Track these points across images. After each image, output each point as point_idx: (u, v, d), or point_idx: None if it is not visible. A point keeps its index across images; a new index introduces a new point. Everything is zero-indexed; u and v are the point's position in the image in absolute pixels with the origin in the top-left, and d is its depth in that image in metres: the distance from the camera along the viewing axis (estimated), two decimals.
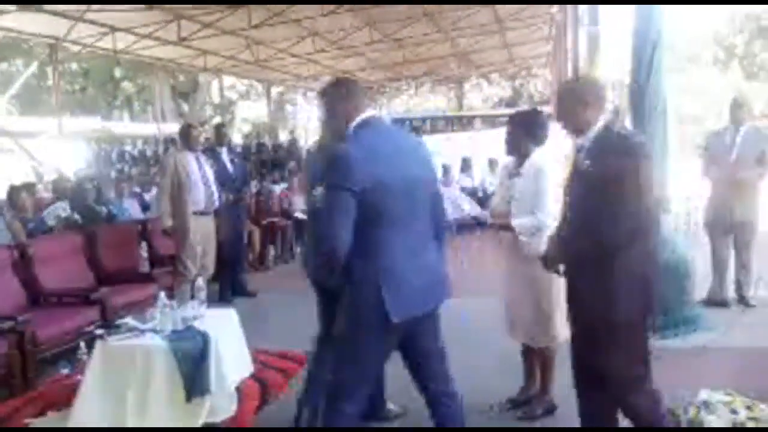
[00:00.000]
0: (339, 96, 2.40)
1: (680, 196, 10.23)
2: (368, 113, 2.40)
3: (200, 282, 4.01)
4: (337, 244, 2.19)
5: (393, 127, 2.82)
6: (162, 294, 3.64)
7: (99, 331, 3.51)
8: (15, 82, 18.77)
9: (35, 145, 14.69)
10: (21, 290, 4.61)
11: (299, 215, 8.50)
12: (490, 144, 12.54)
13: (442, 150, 11.63)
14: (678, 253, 4.76)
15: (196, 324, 3.59)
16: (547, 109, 17.35)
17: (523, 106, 24.34)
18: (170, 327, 3.49)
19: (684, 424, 3.00)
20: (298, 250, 8.47)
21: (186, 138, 5.51)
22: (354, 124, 2.35)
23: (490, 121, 20.11)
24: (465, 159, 11.47)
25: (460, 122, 20.47)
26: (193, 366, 3.33)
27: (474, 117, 21.03)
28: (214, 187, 5.51)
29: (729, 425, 2.73)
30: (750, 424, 2.68)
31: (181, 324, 3.55)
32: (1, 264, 4.60)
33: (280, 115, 25.52)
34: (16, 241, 5.11)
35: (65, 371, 4.05)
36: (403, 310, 2.26)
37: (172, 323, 3.52)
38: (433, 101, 26.60)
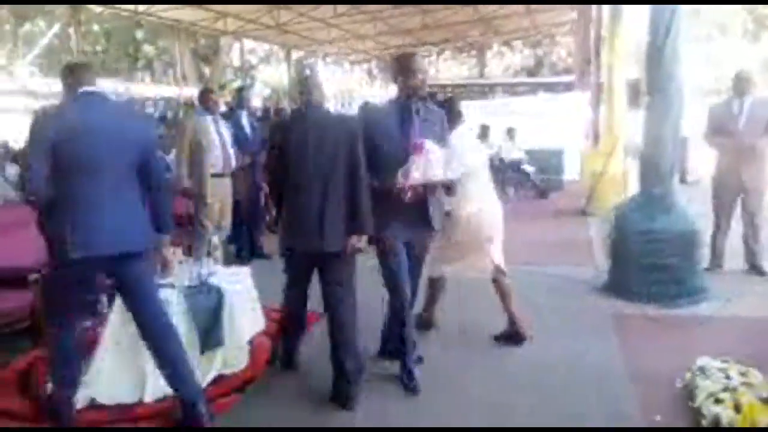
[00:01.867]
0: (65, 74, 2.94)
1: (698, 168, 10.21)
2: (89, 89, 2.89)
3: (215, 241, 4.13)
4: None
5: (108, 102, 3.04)
6: (179, 251, 3.76)
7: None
8: (38, 42, 18.89)
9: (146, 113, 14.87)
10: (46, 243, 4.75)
11: None
12: (510, 113, 12.53)
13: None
14: (690, 223, 4.78)
15: (211, 280, 3.72)
16: (570, 78, 17.17)
17: (546, 75, 23.99)
18: (186, 282, 3.62)
19: (679, 387, 3.08)
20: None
21: (204, 101, 5.59)
22: (73, 95, 2.87)
23: (510, 89, 19.90)
24: (483, 127, 11.40)
25: (482, 90, 20.28)
26: (207, 319, 3.48)
27: (495, 85, 20.80)
28: (231, 150, 5.60)
29: (721, 389, 2.79)
30: (742, 390, 2.74)
31: (196, 280, 3.69)
32: (27, 219, 4.75)
33: (300, 80, 25.48)
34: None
35: (88, 323, 4.22)
36: (82, 249, 2.71)
37: (188, 279, 3.66)
38: (455, 69, 26.33)
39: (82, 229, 2.73)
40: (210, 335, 3.46)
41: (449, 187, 3.36)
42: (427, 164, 3.13)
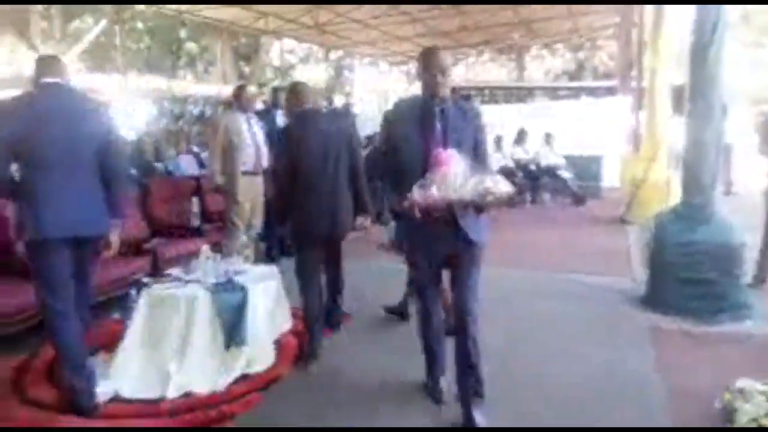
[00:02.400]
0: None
1: (743, 177, 9.86)
2: (49, 79, 3.03)
3: (244, 238, 4.12)
4: None
5: (66, 92, 3.11)
6: (206, 247, 3.76)
7: (146, 280, 3.67)
8: (84, 39, 19.34)
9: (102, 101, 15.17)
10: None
11: None
12: (549, 117, 12.31)
13: (498, 121, 11.45)
14: (731, 235, 4.58)
15: (238, 278, 3.71)
16: (612, 83, 16.81)
17: (587, 79, 23.55)
18: (213, 279, 3.62)
19: (717, 408, 2.93)
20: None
21: (238, 99, 5.60)
22: (35, 87, 3.05)
23: (550, 93, 19.59)
24: (521, 131, 11.25)
25: (520, 94, 20.01)
26: (231, 317, 3.46)
27: (534, 89, 20.50)
28: (264, 149, 5.59)
29: (764, 414, 2.64)
30: None
31: (223, 276, 3.68)
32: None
33: (338, 80, 25.51)
34: None
35: (116, 316, 4.26)
36: (47, 230, 2.93)
37: (214, 275, 3.65)
38: (494, 71, 26.09)
39: (44, 214, 2.94)
40: (234, 333, 3.44)
41: (480, 207, 2.66)
42: (449, 179, 2.54)
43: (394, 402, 3.21)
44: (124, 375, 3.30)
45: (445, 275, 3.10)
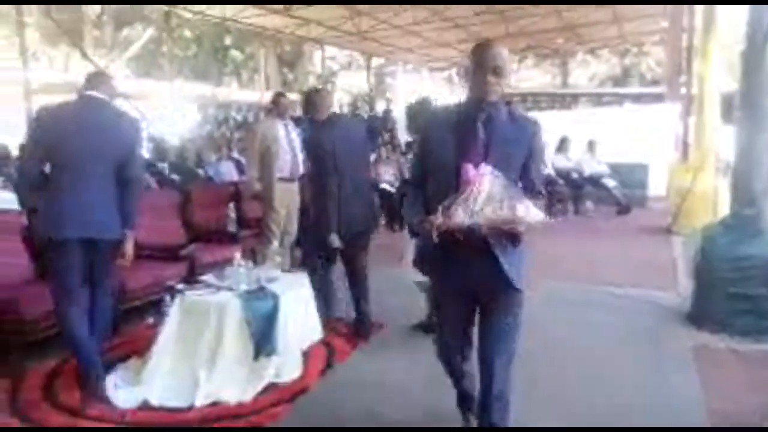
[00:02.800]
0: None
1: None
2: (90, 93, 3.25)
3: (276, 246, 4.11)
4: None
5: (101, 106, 3.30)
6: (238, 254, 3.76)
7: (179, 286, 3.69)
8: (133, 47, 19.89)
9: (149, 107, 15.55)
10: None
11: (385, 186, 8.52)
12: (593, 124, 12.03)
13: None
14: None
15: (270, 286, 3.69)
16: (660, 89, 16.36)
17: (634, 85, 23.03)
18: (244, 286, 3.61)
19: None
20: (382, 221, 8.50)
21: (276, 106, 5.62)
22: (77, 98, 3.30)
23: (595, 100, 19.21)
24: (563, 139, 11.01)
25: (564, 100, 19.68)
26: (262, 326, 3.44)
27: (578, 95, 20.16)
28: (300, 155, 5.60)
29: None
30: None
31: (255, 284, 3.67)
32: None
33: (380, 86, 25.60)
34: None
35: (151, 321, 4.31)
36: (61, 228, 3.11)
37: (246, 283, 3.64)
38: (538, 77, 25.76)
39: (61, 213, 3.14)
40: (264, 342, 3.42)
41: (515, 236, 2.21)
42: (470, 200, 2.12)
43: (422, 417, 3.13)
44: (154, 382, 3.31)
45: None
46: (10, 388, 3.39)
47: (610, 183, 10.38)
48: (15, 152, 7.71)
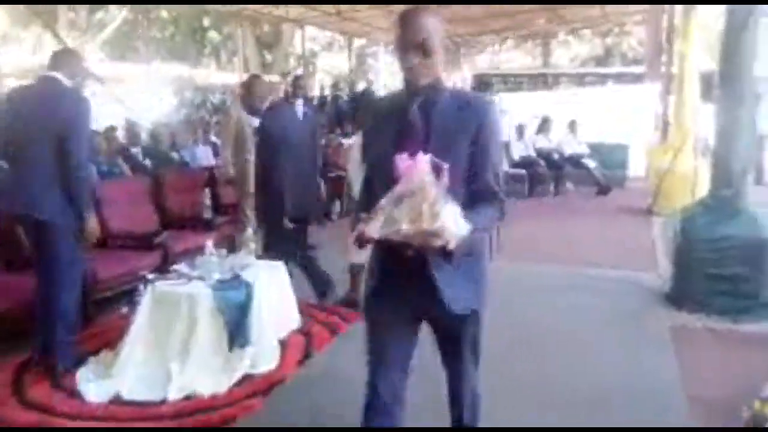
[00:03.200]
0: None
1: None
2: (47, 72, 3.32)
3: (250, 232, 4.02)
4: None
5: (50, 84, 3.31)
6: (210, 243, 3.67)
7: (150, 276, 3.59)
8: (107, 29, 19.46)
9: (125, 91, 15.23)
10: None
11: None
12: (574, 105, 11.99)
13: (521, 109, 11.19)
14: (763, 230, 4.35)
15: (244, 274, 3.61)
16: (641, 69, 16.34)
17: (615, 65, 23.01)
18: (217, 275, 3.52)
19: (745, 418, 2.75)
20: None
21: (249, 94, 5.45)
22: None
23: (577, 80, 19.17)
24: (545, 119, 10.97)
25: (545, 81, 19.61)
26: (235, 315, 3.37)
27: (560, 75, 20.09)
28: None
29: None
30: None
31: (228, 273, 3.58)
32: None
33: (361, 67, 25.35)
34: None
35: (124, 311, 4.20)
36: (6, 205, 3.51)
37: (219, 271, 3.56)
38: (519, 58, 25.65)
39: (8, 192, 3.37)
40: (237, 333, 3.35)
41: (448, 253, 1.67)
42: (405, 205, 1.63)
43: None
44: (126, 375, 3.22)
45: None
46: None
47: (591, 164, 10.38)
48: None
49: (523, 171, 9.95)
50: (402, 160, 1.68)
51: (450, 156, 1.75)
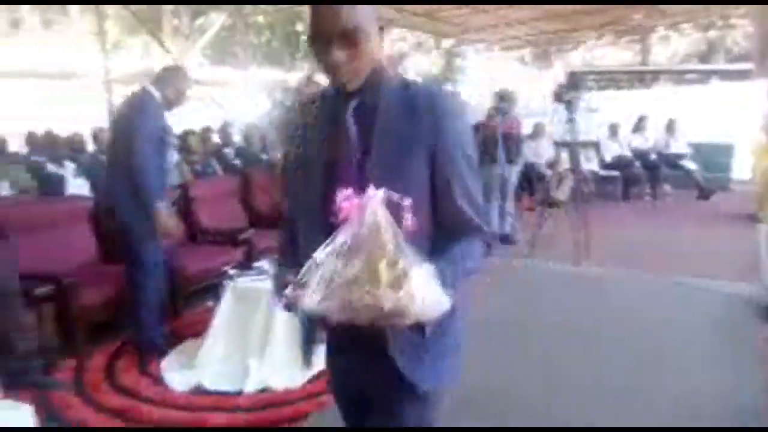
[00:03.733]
0: None
1: None
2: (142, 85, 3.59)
3: None
4: None
5: (133, 99, 3.60)
6: None
7: (232, 272, 3.71)
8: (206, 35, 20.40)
9: (224, 94, 15.94)
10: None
11: None
12: (674, 103, 11.37)
13: (617, 107, 10.72)
14: None
15: None
16: (748, 65, 15.24)
17: (719, 61, 21.63)
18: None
19: None
20: None
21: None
22: None
23: (677, 78, 18.21)
24: (641, 118, 10.45)
25: (644, 78, 18.73)
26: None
27: (659, 72, 19.14)
28: None
29: None
30: None
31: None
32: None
33: (449, 68, 25.19)
34: (182, 181, 5.57)
35: (210, 304, 4.37)
36: None
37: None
38: (616, 55, 24.64)
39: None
40: (312, 329, 3.38)
41: (421, 327, 1.29)
42: (349, 267, 1.12)
43: (466, 410, 3.02)
44: (207, 366, 3.36)
45: None
46: (75, 368, 3.52)
47: (691, 165, 9.79)
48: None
49: (617, 172, 9.53)
50: (343, 197, 1.15)
51: (403, 180, 1.25)
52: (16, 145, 7.70)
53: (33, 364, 3.25)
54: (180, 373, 3.38)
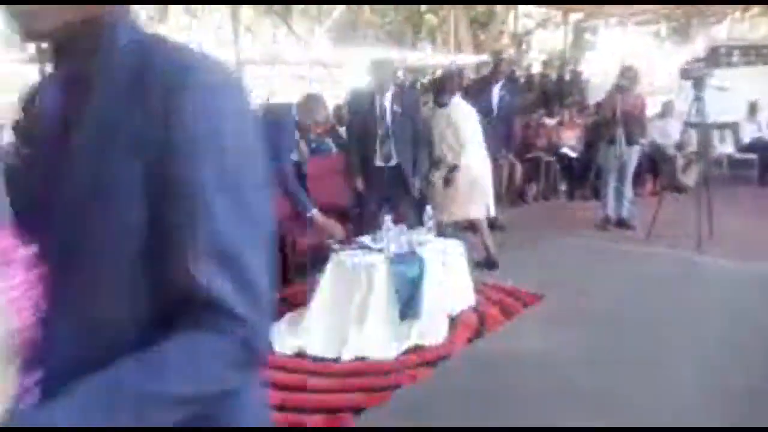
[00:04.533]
0: None
1: None
2: None
3: (429, 210, 4.13)
4: None
5: None
6: (388, 217, 3.85)
7: (335, 246, 3.88)
8: (331, 15, 20.95)
9: (345, 74, 16.33)
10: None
11: (567, 151, 8.09)
12: None
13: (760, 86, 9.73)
14: None
15: (420, 250, 3.74)
16: None
17: None
18: (394, 249, 3.69)
19: None
20: (561, 188, 8.11)
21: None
22: None
23: None
24: (751, 104, 9.36)
25: None
26: (408, 289, 3.51)
27: None
28: None
29: None
30: None
31: (406, 248, 3.74)
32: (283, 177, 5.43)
33: (578, 44, 24.10)
34: (298, 158, 5.83)
35: (318, 276, 4.60)
36: None
37: (397, 246, 3.72)
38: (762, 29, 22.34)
39: None
40: (409, 305, 3.49)
41: None
42: None
43: (558, 396, 2.98)
44: (310, 333, 3.55)
45: None
46: None
47: None
48: None
49: (754, 155, 8.72)
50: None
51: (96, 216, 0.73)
52: None
53: None
54: (286, 337, 3.60)
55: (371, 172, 4.64)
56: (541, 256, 5.34)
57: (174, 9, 20.76)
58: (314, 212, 3.85)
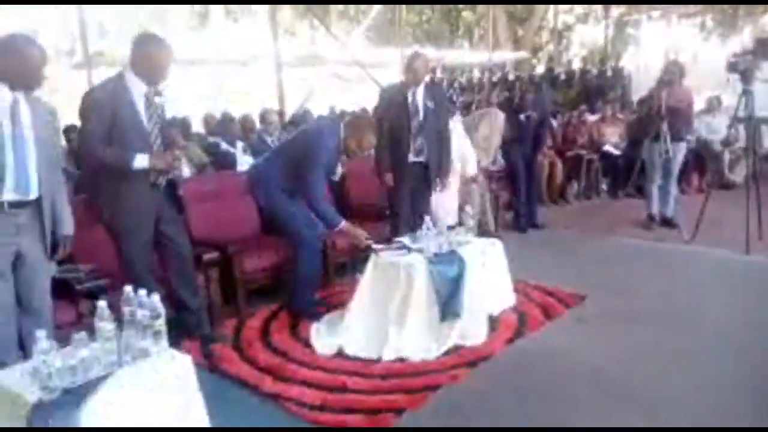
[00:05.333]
0: None
1: None
2: None
3: (469, 209, 4.11)
4: None
5: None
6: (427, 218, 3.84)
7: (375, 246, 3.90)
8: (369, 15, 20.97)
9: (384, 74, 16.34)
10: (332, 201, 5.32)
11: (610, 148, 7.94)
12: None
13: None
14: None
15: (460, 250, 3.72)
16: None
17: None
18: (434, 249, 3.68)
19: None
20: (603, 186, 7.97)
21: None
22: None
23: None
24: None
25: None
26: (448, 289, 3.50)
27: None
28: None
29: None
30: None
31: (446, 247, 3.73)
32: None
33: (620, 37, 23.59)
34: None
35: (358, 276, 4.62)
36: None
37: (437, 246, 3.71)
38: None
39: None
40: (449, 305, 3.48)
41: None
42: None
43: (602, 398, 2.93)
44: (349, 333, 3.57)
45: None
46: (236, 326, 3.93)
47: None
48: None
49: None
50: None
51: None
52: (197, 126, 8.52)
53: (204, 318, 3.68)
54: (326, 338, 3.63)
55: (403, 167, 4.62)
56: (582, 255, 5.27)
57: (215, 13, 21.11)
58: (342, 225, 3.89)
